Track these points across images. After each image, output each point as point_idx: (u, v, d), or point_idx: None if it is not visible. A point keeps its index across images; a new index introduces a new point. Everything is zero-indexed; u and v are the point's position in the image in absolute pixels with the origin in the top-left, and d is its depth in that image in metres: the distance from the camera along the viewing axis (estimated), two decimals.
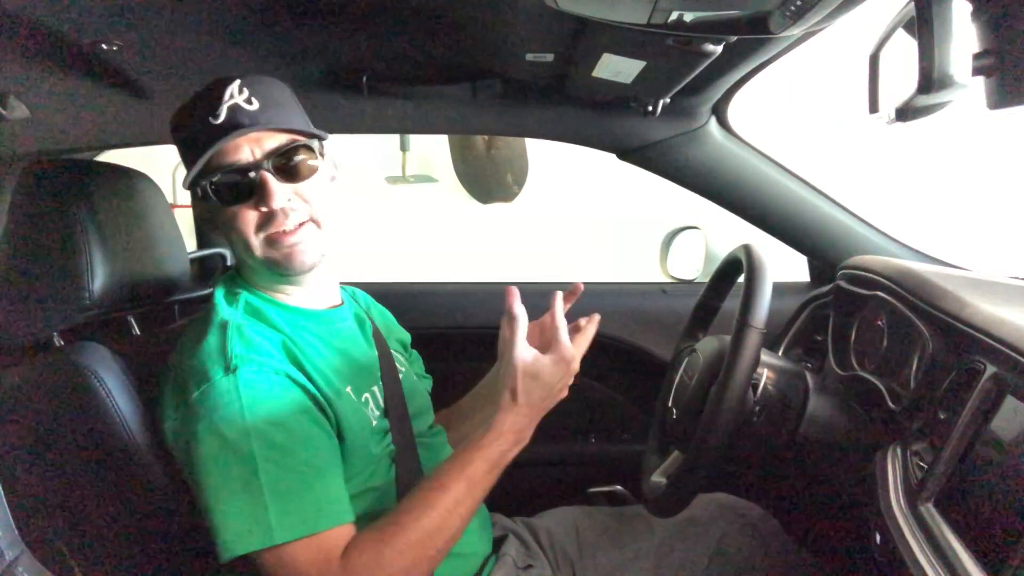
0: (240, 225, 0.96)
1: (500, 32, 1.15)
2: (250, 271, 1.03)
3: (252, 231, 0.96)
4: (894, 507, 0.86)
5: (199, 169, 0.93)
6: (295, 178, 0.96)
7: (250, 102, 0.95)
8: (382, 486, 1.03)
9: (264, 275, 1.02)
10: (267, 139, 0.95)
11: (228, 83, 0.95)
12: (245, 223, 0.95)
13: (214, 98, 0.94)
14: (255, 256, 0.97)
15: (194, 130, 0.94)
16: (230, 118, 0.93)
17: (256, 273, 1.02)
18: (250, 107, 0.94)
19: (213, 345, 0.93)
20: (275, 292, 1.03)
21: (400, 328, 1.30)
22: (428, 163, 4.32)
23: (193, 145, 0.94)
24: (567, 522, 1.31)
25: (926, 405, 0.92)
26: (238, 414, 0.88)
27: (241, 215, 0.95)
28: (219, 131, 0.92)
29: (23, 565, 0.63)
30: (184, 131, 0.97)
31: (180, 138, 0.99)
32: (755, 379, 1.03)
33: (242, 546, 0.86)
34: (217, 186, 0.94)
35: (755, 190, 1.58)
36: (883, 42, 0.82)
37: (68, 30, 1.05)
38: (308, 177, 0.97)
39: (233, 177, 0.94)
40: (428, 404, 1.22)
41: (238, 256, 1.02)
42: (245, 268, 1.04)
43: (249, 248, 0.97)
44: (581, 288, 1.11)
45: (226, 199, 0.95)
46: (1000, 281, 1.09)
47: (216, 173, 0.94)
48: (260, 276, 1.03)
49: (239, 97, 0.94)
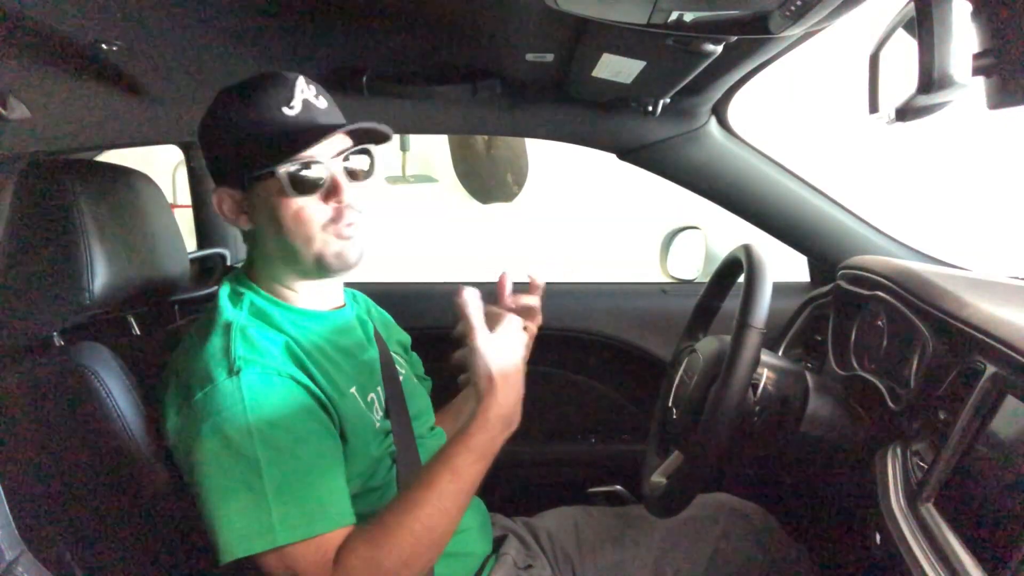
0: (307, 217, 0.96)
1: (500, 32, 1.15)
2: (272, 265, 1.01)
3: (318, 225, 0.96)
4: (894, 507, 0.86)
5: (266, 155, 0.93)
6: (357, 178, 1.00)
7: (318, 98, 0.98)
8: (383, 487, 1.03)
9: (305, 269, 1.00)
10: (340, 138, 0.97)
11: (291, 76, 0.97)
12: (312, 216, 0.96)
13: (287, 87, 0.96)
14: (311, 249, 0.97)
15: (268, 115, 0.95)
16: (305, 111, 0.96)
17: (297, 264, 0.99)
18: (320, 104, 0.98)
19: (217, 347, 0.93)
20: (281, 293, 1.03)
21: (400, 330, 1.30)
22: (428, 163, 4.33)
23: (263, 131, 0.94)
24: (567, 522, 1.31)
25: (926, 405, 0.92)
26: (241, 416, 0.88)
27: (310, 208, 0.96)
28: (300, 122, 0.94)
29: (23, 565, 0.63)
30: (252, 115, 0.95)
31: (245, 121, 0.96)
32: (755, 379, 1.03)
33: (244, 547, 0.86)
34: (294, 176, 0.94)
35: (755, 190, 1.58)
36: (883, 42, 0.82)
37: (68, 30, 1.05)
38: (365, 179, 1.01)
39: (310, 171, 0.95)
40: (428, 406, 1.22)
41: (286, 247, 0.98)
42: (279, 261, 1.01)
43: (309, 240, 0.97)
44: (539, 285, 1.10)
45: (299, 190, 0.95)
46: (1000, 281, 1.09)
47: (294, 163, 0.94)
48: (287, 272, 1.01)
49: (309, 91, 0.97)
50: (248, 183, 0.97)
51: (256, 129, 0.95)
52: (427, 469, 0.92)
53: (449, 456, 0.91)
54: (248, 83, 0.97)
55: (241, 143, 0.96)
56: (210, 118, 0.99)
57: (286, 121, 0.95)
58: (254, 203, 0.98)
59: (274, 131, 0.94)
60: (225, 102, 0.98)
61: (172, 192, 3.45)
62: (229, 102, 0.97)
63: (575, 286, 1.88)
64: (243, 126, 0.96)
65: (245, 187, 0.98)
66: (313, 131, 0.94)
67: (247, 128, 0.95)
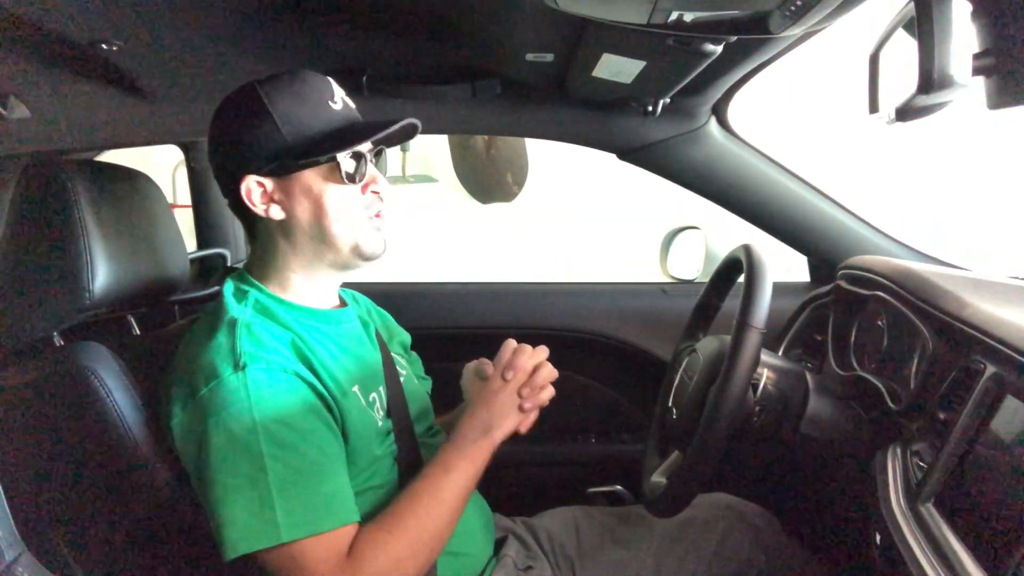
0: (353, 205, 1.01)
1: (500, 32, 1.15)
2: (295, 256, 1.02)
3: (361, 214, 1.02)
4: (894, 507, 0.86)
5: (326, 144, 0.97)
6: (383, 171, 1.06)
7: (347, 97, 1.04)
8: (384, 486, 1.03)
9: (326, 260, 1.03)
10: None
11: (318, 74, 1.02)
12: (356, 204, 1.01)
13: (328, 85, 1.02)
14: (350, 236, 1.01)
15: (320, 108, 0.99)
16: (345, 107, 1.02)
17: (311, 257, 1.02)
18: (350, 103, 1.05)
19: (222, 342, 0.93)
20: (285, 291, 1.03)
21: (401, 330, 1.30)
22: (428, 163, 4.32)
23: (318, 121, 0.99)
24: (567, 522, 1.31)
25: (926, 405, 0.92)
26: (247, 411, 0.88)
27: (355, 196, 1.01)
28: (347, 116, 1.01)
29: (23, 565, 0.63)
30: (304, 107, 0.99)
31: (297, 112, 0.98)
32: (755, 379, 1.03)
33: (248, 544, 0.86)
34: (349, 166, 0.99)
35: (755, 190, 1.58)
36: (883, 42, 0.82)
37: (68, 30, 1.05)
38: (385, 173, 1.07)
39: (362, 162, 1.00)
40: (428, 406, 1.22)
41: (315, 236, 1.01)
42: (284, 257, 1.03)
43: (351, 227, 1.01)
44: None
45: (351, 179, 0.99)
46: (1000, 281, 1.09)
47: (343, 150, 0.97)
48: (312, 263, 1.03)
49: (340, 92, 1.03)
50: (286, 172, 0.98)
51: (311, 118, 0.98)
52: (426, 465, 1.02)
53: (441, 454, 1.02)
54: (288, 78, 1.00)
55: (292, 131, 0.98)
56: (241, 109, 0.99)
57: (334, 115, 1.00)
58: (292, 191, 0.99)
59: (328, 122, 0.99)
60: (267, 92, 0.98)
61: (172, 192, 3.45)
62: (273, 93, 0.98)
63: (575, 286, 1.88)
64: (293, 116, 0.98)
65: (281, 175, 0.98)
66: (373, 124, 1.00)
67: (300, 118, 0.98)
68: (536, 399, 1.06)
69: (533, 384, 1.06)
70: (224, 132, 1.01)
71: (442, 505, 0.97)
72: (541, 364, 1.08)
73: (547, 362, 1.09)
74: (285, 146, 0.97)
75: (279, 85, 0.99)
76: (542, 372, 1.07)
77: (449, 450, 1.02)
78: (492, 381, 1.06)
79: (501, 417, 1.03)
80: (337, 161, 0.97)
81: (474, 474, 1.01)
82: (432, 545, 0.96)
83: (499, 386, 1.05)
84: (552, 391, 1.08)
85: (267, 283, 1.03)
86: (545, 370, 1.07)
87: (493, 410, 1.04)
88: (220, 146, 1.02)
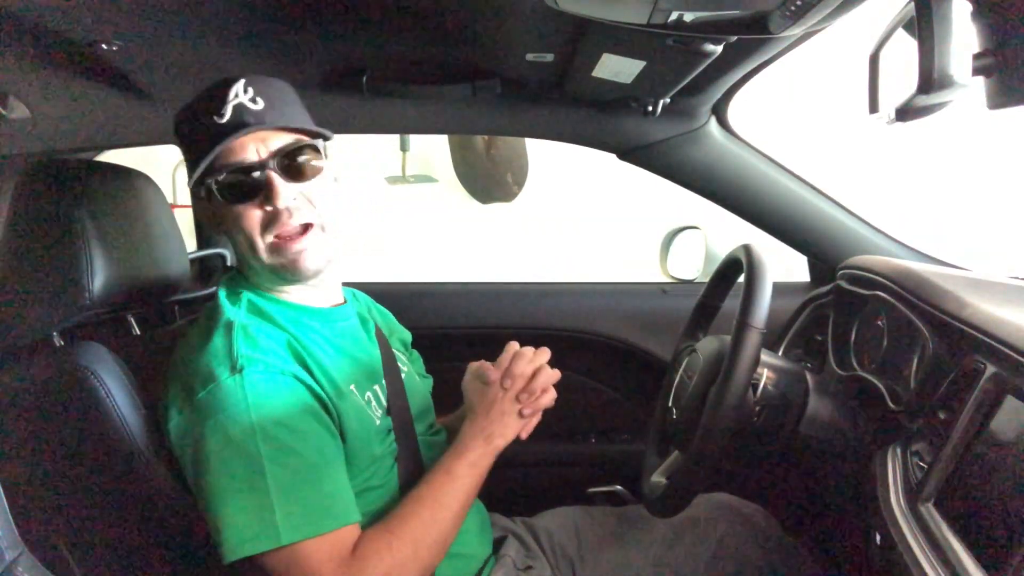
0: (245, 225, 0.95)
1: (500, 32, 1.15)
2: (253, 272, 1.03)
3: (258, 232, 0.95)
4: (894, 507, 0.86)
5: (204, 168, 0.93)
6: (300, 178, 0.96)
7: (255, 101, 0.94)
8: (384, 485, 1.03)
9: (269, 277, 1.01)
10: (272, 138, 0.95)
11: (232, 82, 0.94)
12: (251, 223, 0.95)
13: (218, 97, 0.93)
14: (261, 259, 0.97)
15: (198, 129, 0.94)
16: (235, 117, 0.93)
17: (260, 274, 1.02)
18: (255, 106, 0.94)
19: (219, 345, 0.93)
20: (278, 291, 1.03)
21: (401, 328, 1.30)
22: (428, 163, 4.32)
23: (197, 144, 0.94)
24: (567, 522, 1.31)
25: (926, 405, 0.92)
26: (244, 414, 0.88)
27: (246, 215, 0.95)
28: (224, 130, 0.92)
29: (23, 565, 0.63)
30: (188, 130, 0.97)
31: (184, 137, 0.98)
32: (755, 379, 1.03)
33: (248, 547, 0.86)
34: (222, 185, 0.94)
35: (755, 190, 1.58)
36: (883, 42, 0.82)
37: (68, 30, 1.05)
38: (313, 177, 0.97)
39: (239, 176, 0.94)
40: (429, 404, 1.22)
41: (241, 257, 1.01)
42: (248, 268, 1.03)
43: (255, 250, 0.96)
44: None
45: (231, 198, 0.95)
46: (1000, 281, 1.09)
47: (222, 172, 0.93)
48: (264, 278, 1.02)
49: (244, 96, 0.94)
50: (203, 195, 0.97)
51: (191, 143, 0.97)
52: (429, 470, 1.03)
53: (444, 460, 1.03)
54: (195, 97, 0.97)
55: (187, 157, 0.98)
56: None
57: (216, 130, 0.93)
58: (216, 214, 0.99)
59: (203, 142, 0.93)
60: (178, 116, 0.99)
61: (172, 192, 3.45)
62: (180, 116, 0.98)
63: (575, 286, 1.88)
64: (184, 139, 0.98)
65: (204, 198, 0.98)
66: (215, 135, 0.93)
67: (185, 142, 0.98)
68: (534, 405, 1.06)
69: (532, 390, 1.06)
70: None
71: (445, 510, 0.98)
72: (540, 368, 1.07)
73: (547, 365, 1.08)
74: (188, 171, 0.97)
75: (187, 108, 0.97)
76: (540, 377, 1.06)
77: (452, 456, 1.03)
78: (492, 388, 1.06)
79: (501, 425, 1.04)
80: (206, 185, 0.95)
81: (477, 480, 1.02)
82: (435, 549, 0.97)
83: (498, 394, 1.05)
84: (553, 395, 1.08)
85: (258, 284, 1.03)
86: (544, 374, 1.07)
87: (493, 417, 1.04)
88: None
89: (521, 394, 1.06)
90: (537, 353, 1.09)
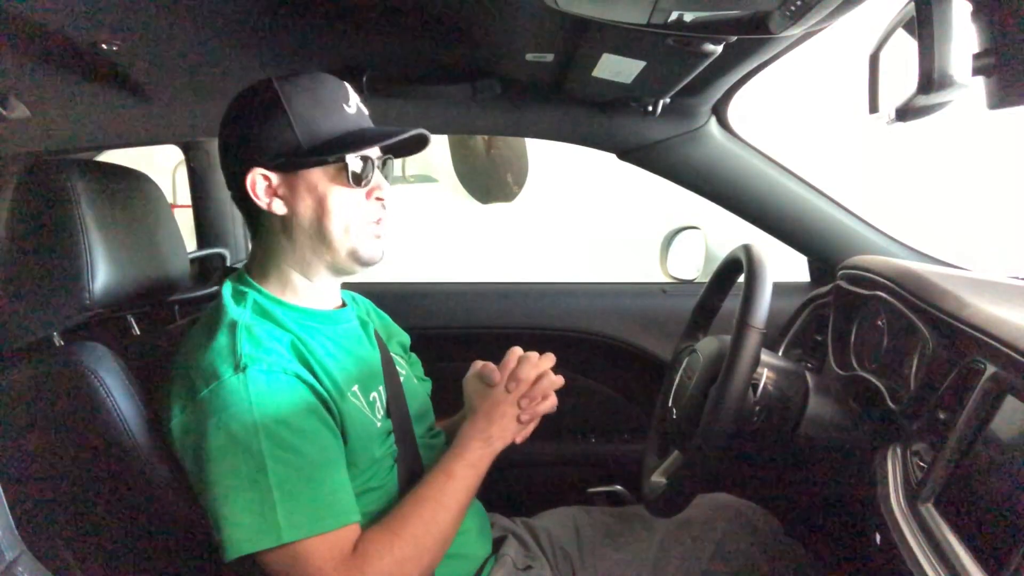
0: (354, 208, 1.01)
1: (500, 32, 1.15)
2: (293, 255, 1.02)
3: (361, 218, 1.02)
4: (894, 507, 0.86)
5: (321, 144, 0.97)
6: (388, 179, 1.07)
7: (362, 104, 1.05)
8: (383, 486, 1.03)
9: (323, 261, 1.03)
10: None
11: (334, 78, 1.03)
12: (358, 208, 1.01)
13: (343, 88, 1.03)
14: (348, 240, 1.01)
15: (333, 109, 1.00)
16: (359, 112, 1.03)
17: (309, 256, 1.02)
18: (366, 111, 1.05)
19: (223, 344, 0.93)
20: (283, 292, 1.03)
21: (400, 331, 1.30)
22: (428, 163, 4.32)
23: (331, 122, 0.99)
24: (567, 522, 1.31)
25: (926, 405, 0.92)
26: (247, 412, 0.88)
27: (357, 200, 1.01)
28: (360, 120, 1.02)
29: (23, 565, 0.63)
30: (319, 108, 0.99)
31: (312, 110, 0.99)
32: (755, 379, 1.03)
33: (249, 545, 0.86)
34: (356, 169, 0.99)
35: (755, 190, 1.58)
36: (883, 42, 0.82)
37: (68, 30, 1.05)
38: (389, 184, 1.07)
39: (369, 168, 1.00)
40: (429, 406, 1.22)
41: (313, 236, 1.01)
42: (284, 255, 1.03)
43: (349, 231, 1.01)
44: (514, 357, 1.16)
45: (356, 182, 0.99)
46: (1000, 281, 1.09)
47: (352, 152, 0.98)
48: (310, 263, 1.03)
49: (355, 97, 1.04)
50: (294, 168, 0.98)
51: (324, 119, 0.99)
52: (429, 471, 1.04)
53: (444, 460, 1.04)
54: (307, 78, 1.01)
55: (304, 129, 0.98)
56: (256, 102, 0.99)
57: (347, 118, 1.01)
58: (297, 188, 0.99)
59: (340, 125, 0.99)
60: (284, 89, 0.98)
61: (172, 192, 3.45)
62: (290, 90, 0.98)
63: (575, 286, 1.88)
64: (307, 115, 0.98)
65: (288, 171, 0.99)
66: (383, 132, 1.01)
67: (313, 118, 0.98)
68: (534, 411, 1.06)
69: (532, 395, 1.06)
70: (236, 124, 1.01)
71: (445, 510, 0.99)
72: (544, 374, 1.08)
73: (551, 371, 1.09)
74: (295, 143, 0.97)
75: (297, 83, 0.99)
76: (543, 383, 1.07)
77: (451, 457, 1.04)
78: (495, 390, 1.07)
79: (501, 428, 1.05)
80: (345, 162, 0.98)
81: (476, 480, 1.03)
82: (435, 549, 0.97)
83: (501, 397, 1.06)
84: (554, 401, 1.08)
85: (266, 283, 1.03)
86: (547, 380, 1.08)
87: (493, 419, 1.05)
88: (231, 137, 1.02)
89: (523, 399, 1.06)
90: (543, 358, 1.10)
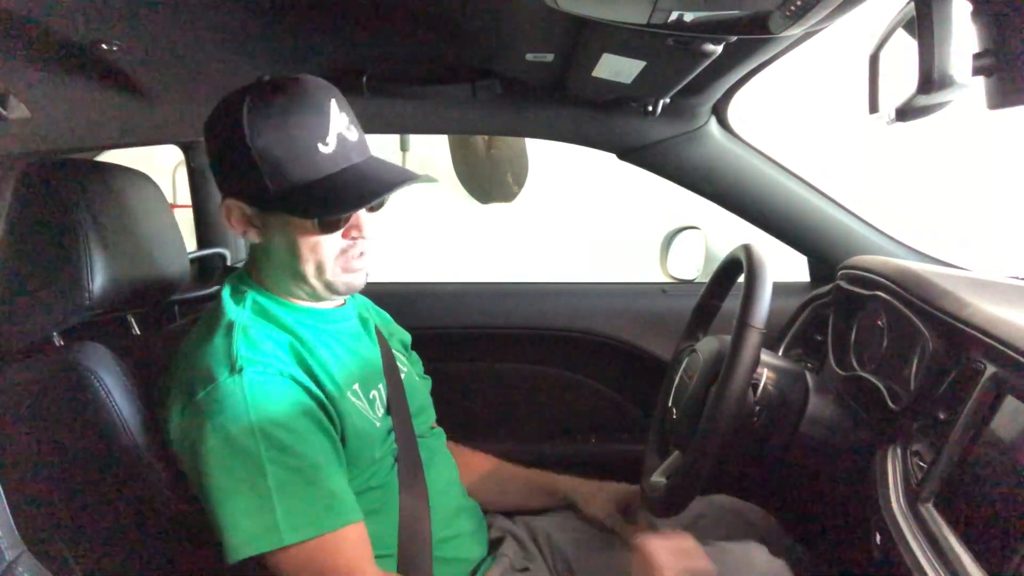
0: (325, 250, 0.96)
1: (500, 32, 1.15)
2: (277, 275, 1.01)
3: (334, 256, 0.97)
4: (894, 507, 0.86)
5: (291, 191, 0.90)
6: (374, 210, 1.00)
7: (349, 129, 0.95)
8: (383, 485, 1.03)
9: (312, 291, 1.00)
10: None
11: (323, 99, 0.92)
12: (331, 249, 0.96)
13: (321, 119, 0.91)
14: (321, 277, 0.97)
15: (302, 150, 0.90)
16: (340, 147, 0.92)
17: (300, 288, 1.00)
18: (351, 136, 0.95)
19: (219, 346, 0.93)
20: (284, 294, 1.03)
21: (400, 329, 1.30)
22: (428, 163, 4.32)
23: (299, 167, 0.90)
24: (566, 523, 1.31)
25: (926, 405, 0.92)
26: (244, 415, 0.88)
27: (330, 241, 0.96)
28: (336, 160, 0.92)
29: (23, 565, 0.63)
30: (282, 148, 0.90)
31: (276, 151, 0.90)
32: (755, 379, 1.03)
33: (251, 548, 0.86)
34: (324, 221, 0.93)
35: (755, 190, 1.58)
36: (883, 42, 0.82)
37: (68, 30, 1.05)
38: (379, 209, 1.01)
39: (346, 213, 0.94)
40: (429, 404, 1.22)
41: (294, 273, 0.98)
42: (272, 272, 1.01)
43: (321, 271, 0.97)
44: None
45: (325, 230, 0.94)
46: (1000, 281, 1.09)
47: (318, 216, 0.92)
48: (303, 291, 1.01)
49: (341, 122, 0.93)
50: (262, 208, 0.95)
51: (292, 167, 0.90)
52: None
53: None
54: (279, 106, 0.90)
55: (272, 173, 0.90)
56: (227, 129, 0.92)
57: (322, 160, 0.91)
58: (270, 224, 0.97)
59: (313, 170, 0.90)
60: (251, 120, 0.90)
61: (172, 192, 3.45)
62: (255, 121, 0.89)
63: (575, 286, 1.88)
64: (272, 156, 0.90)
65: (261, 207, 0.95)
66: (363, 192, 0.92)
67: (278, 159, 0.90)
68: None
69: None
70: (210, 143, 0.99)
71: None
72: None
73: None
74: (262, 185, 0.91)
75: (269, 111, 0.90)
76: None
77: None
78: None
79: None
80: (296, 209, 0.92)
81: None
82: None
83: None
84: None
85: (265, 286, 1.03)
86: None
87: None
88: (209, 155, 1.01)
89: None
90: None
